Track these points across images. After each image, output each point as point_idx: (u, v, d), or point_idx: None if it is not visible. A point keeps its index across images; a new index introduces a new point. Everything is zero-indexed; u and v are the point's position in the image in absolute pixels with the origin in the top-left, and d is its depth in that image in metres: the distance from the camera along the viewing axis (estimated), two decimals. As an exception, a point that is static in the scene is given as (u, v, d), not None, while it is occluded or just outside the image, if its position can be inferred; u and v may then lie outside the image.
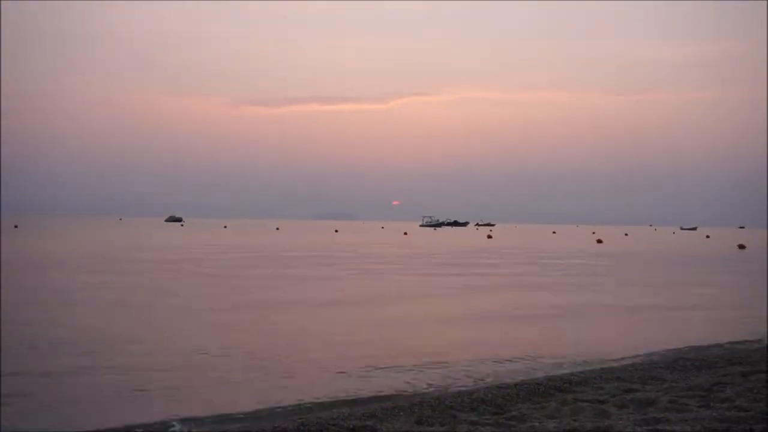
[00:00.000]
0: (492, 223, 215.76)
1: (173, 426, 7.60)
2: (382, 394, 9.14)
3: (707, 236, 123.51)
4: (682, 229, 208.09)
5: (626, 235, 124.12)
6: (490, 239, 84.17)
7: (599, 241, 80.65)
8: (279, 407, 8.41)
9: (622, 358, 11.64)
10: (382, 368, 10.66)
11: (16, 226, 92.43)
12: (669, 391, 8.59)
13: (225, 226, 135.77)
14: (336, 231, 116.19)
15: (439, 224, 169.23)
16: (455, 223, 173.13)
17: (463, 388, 9.26)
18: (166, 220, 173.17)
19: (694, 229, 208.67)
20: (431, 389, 9.37)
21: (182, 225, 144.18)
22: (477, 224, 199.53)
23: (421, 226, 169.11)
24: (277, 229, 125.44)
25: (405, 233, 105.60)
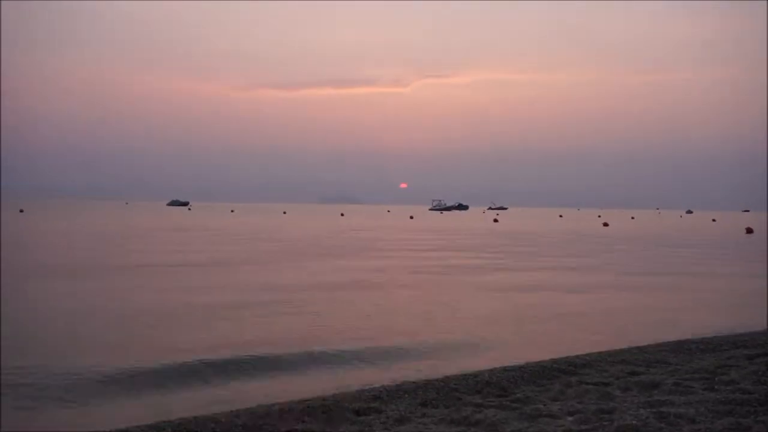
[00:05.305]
0: (504, 206, 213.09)
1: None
2: (387, 376, 9.17)
3: (713, 220, 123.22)
4: (687, 212, 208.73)
5: (633, 218, 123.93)
6: (496, 223, 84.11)
7: (605, 225, 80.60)
8: (282, 389, 8.45)
9: (628, 341, 11.65)
10: (386, 350, 10.68)
11: (21, 210, 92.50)
12: (674, 373, 8.58)
13: (232, 210, 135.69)
14: (342, 215, 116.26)
15: (447, 208, 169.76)
16: (459, 207, 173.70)
17: (468, 371, 9.26)
18: (169, 204, 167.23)
19: (690, 212, 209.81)
20: (435, 371, 9.38)
21: (189, 209, 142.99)
22: (489, 207, 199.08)
23: (430, 209, 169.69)
24: (285, 213, 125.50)
25: (411, 217, 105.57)
